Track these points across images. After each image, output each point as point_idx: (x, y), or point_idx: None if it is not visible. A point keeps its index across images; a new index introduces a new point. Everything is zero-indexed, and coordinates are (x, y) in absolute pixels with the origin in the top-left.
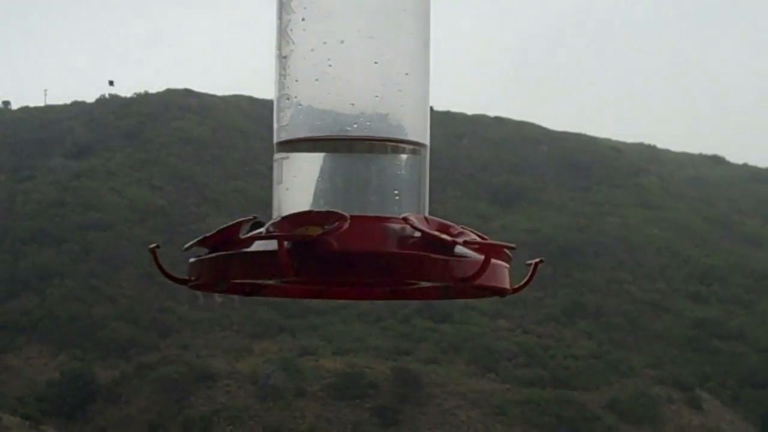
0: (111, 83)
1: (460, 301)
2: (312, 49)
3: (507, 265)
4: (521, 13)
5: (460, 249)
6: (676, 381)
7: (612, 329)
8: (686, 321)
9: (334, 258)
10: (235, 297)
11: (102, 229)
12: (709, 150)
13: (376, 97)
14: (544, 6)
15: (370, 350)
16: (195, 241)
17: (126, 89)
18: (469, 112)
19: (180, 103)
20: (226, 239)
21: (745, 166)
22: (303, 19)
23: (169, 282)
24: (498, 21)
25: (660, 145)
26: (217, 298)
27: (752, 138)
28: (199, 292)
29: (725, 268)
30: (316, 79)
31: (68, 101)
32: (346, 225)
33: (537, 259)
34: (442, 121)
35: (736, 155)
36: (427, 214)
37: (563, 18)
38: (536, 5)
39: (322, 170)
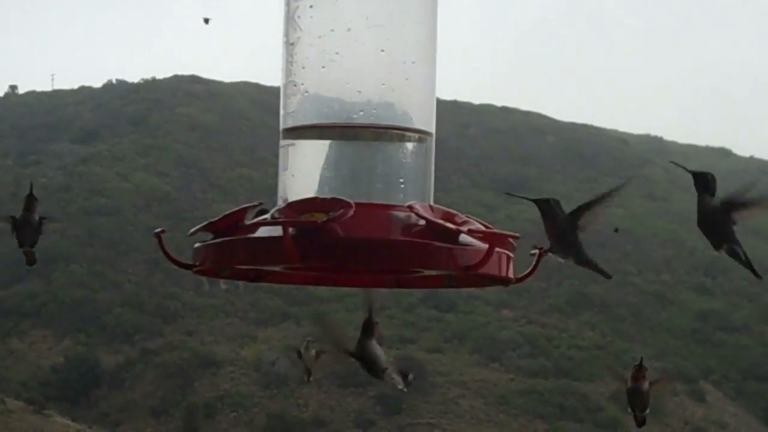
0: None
1: (465, 291)
2: (319, 36)
3: (511, 255)
4: (530, 2)
5: (464, 238)
6: (680, 373)
7: (616, 320)
8: (690, 313)
9: (339, 245)
10: (240, 284)
11: (107, 215)
12: (715, 142)
13: (383, 85)
14: None
15: None
16: (200, 226)
17: (133, 75)
18: (476, 101)
19: (187, 89)
20: (232, 225)
21: (751, 159)
22: (311, 6)
23: (174, 268)
24: (506, 10)
25: (666, 137)
26: (222, 284)
27: (759, 130)
28: (204, 279)
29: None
30: (323, 67)
31: (75, 86)
32: (351, 212)
33: (541, 249)
34: (448, 110)
35: (742, 148)
36: (432, 203)
37: (572, 8)
38: None
39: (327, 157)
